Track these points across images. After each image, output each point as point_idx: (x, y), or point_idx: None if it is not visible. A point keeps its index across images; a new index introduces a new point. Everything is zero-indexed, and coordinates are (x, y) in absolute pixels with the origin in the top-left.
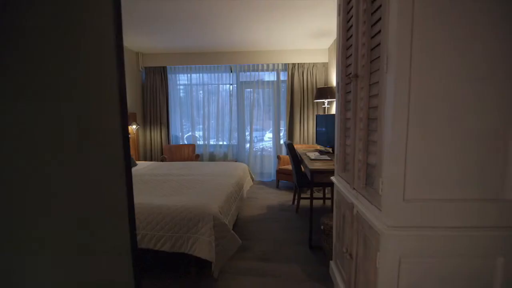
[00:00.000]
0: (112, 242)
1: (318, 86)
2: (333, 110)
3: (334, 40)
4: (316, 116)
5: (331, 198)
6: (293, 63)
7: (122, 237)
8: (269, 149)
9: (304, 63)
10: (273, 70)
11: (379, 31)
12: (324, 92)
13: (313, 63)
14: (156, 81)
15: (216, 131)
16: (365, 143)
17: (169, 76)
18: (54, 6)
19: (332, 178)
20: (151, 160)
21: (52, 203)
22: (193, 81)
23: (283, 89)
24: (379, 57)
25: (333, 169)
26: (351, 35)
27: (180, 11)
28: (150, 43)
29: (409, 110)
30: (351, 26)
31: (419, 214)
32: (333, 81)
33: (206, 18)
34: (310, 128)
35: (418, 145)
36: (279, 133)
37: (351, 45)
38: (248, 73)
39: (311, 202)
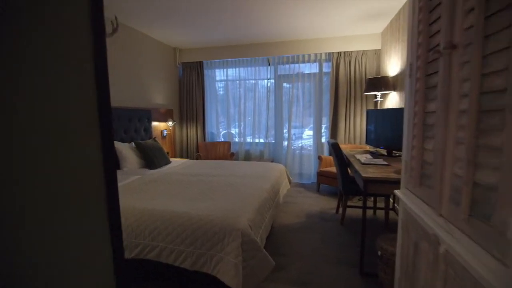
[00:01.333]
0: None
1: (369, 77)
2: (388, 104)
3: (390, 21)
4: (367, 111)
5: (385, 209)
6: (338, 52)
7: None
8: (309, 148)
9: (351, 52)
10: (315, 61)
11: None
12: (377, 83)
13: (363, 50)
14: (193, 76)
15: (253, 128)
16: (472, 149)
17: (205, 71)
18: None
19: (397, 192)
20: (187, 157)
21: None
22: (230, 77)
23: (326, 81)
24: (507, 6)
25: (394, 178)
26: None
27: (215, 1)
28: (186, 37)
29: None
30: None
31: None
32: (388, 70)
33: (241, 6)
34: (357, 125)
35: None
36: (320, 131)
37: (439, 3)
38: (287, 65)
39: (364, 218)
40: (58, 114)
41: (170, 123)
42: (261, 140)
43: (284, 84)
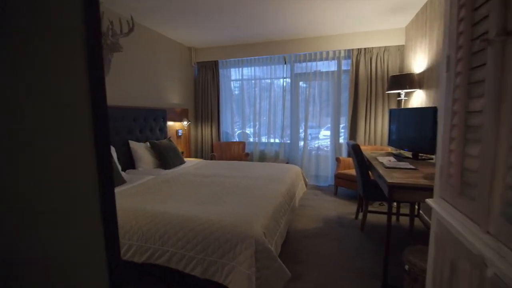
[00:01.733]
0: None
1: (391, 74)
2: (412, 103)
3: (416, 15)
4: (390, 111)
5: (409, 215)
6: (358, 49)
7: None
8: (326, 148)
9: (372, 48)
10: (333, 58)
11: None
12: (401, 80)
13: (385, 46)
14: (208, 76)
15: (268, 128)
16: None
17: (220, 71)
18: None
19: (430, 201)
20: (201, 157)
21: None
22: (245, 76)
23: (345, 80)
24: None
25: (424, 185)
26: None
27: None
28: (202, 36)
29: None
30: None
31: None
32: (413, 66)
33: (257, 3)
34: (378, 125)
35: None
36: (338, 131)
37: None
38: (303, 63)
39: (389, 226)
40: (44, 112)
41: (185, 122)
42: (277, 140)
43: (301, 83)
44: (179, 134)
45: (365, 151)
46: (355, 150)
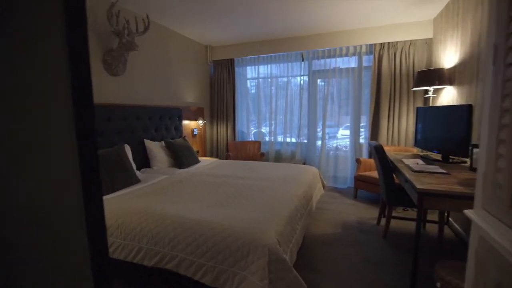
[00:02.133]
0: None
1: (418, 70)
2: (442, 101)
3: (446, 6)
4: (417, 109)
5: (438, 223)
6: (381, 43)
7: None
8: (344, 149)
9: (396, 42)
10: (354, 54)
11: None
12: (429, 76)
13: (410, 40)
14: (223, 74)
15: (284, 127)
16: None
17: (236, 69)
18: None
19: (469, 213)
20: (217, 156)
21: None
22: (261, 74)
23: (366, 77)
24: None
25: (460, 193)
26: None
27: None
28: (218, 34)
29: None
30: None
31: None
32: (443, 61)
33: None
34: (402, 125)
35: None
36: (358, 130)
37: None
38: (322, 60)
39: (417, 235)
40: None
41: (200, 121)
42: (293, 140)
43: (319, 81)
44: (195, 133)
45: (388, 152)
46: (378, 151)
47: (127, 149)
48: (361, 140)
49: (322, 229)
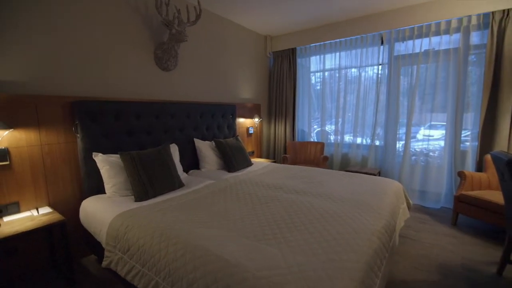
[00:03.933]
0: None
1: None
2: None
3: None
4: None
5: None
6: (502, 11)
7: None
8: (435, 155)
9: None
10: (456, 30)
11: None
12: None
13: None
14: (284, 66)
15: (354, 125)
16: None
17: (298, 60)
18: None
19: None
20: (274, 158)
21: None
22: (327, 66)
23: (475, 59)
24: None
25: None
26: None
27: None
28: (278, 21)
29: None
30: None
31: None
32: None
33: None
34: None
35: None
36: (460, 132)
37: None
38: (408, 42)
39: None
40: None
41: (256, 119)
42: (364, 142)
43: (403, 68)
44: (250, 132)
45: None
46: (510, 168)
47: (174, 149)
48: (466, 146)
49: (407, 273)
